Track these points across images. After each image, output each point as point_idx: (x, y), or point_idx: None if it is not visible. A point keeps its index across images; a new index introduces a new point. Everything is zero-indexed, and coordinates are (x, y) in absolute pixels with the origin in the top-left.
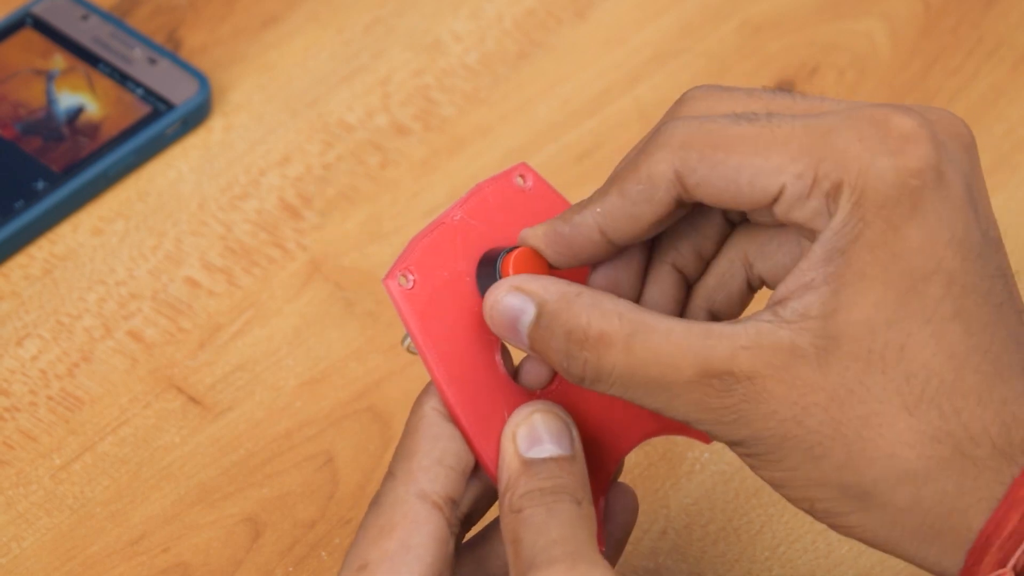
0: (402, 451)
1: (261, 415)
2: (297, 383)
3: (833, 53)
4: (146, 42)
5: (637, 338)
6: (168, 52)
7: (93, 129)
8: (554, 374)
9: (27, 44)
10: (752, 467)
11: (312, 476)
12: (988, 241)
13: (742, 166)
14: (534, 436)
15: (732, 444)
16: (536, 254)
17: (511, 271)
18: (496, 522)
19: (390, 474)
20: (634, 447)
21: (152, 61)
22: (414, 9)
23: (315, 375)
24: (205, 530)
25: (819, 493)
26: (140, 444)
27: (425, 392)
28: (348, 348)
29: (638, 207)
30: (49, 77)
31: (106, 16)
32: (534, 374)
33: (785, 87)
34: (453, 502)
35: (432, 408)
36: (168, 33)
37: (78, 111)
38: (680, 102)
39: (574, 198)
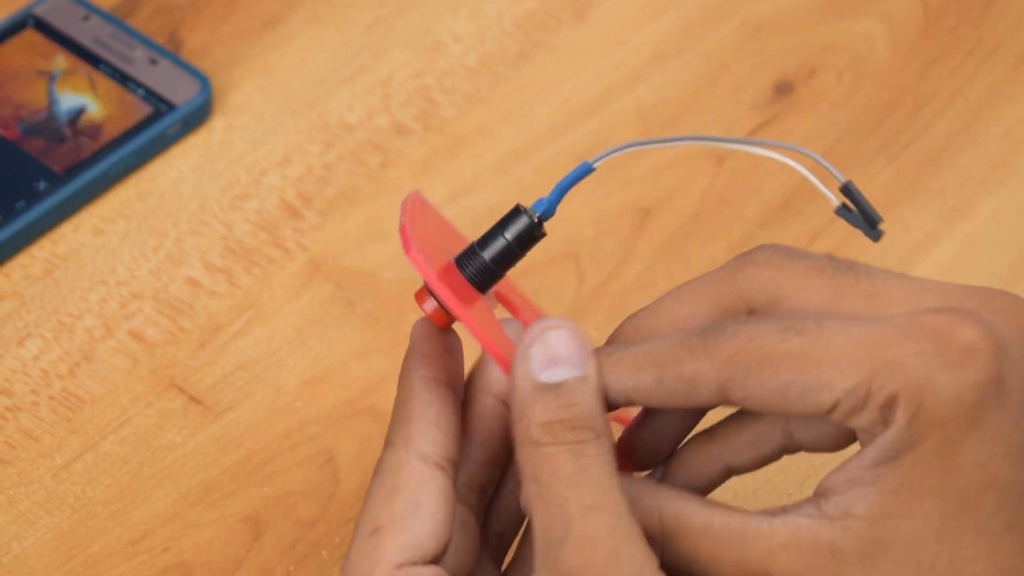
0: (398, 419)
1: (262, 415)
2: (298, 383)
3: (832, 53)
4: (147, 43)
5: (676, 543)
6: (169, 53)
7: (94, 130)
8: None
9: (29, 45)
10: None
11: (313, 475)
12: None
13: (791, 383)
14: (548, 356)
15: None
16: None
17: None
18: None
19: (389, 442)
20: None
21: (153, 62)
22: (414, 9)
23: (316, 375)
24: (206, 529)
25: None
26: (141, 443)
27: (409, 361)
28: (349, 348)
29: (673, 400)
30: (51, 78)
31: (107, 17)
32: None
33: (784, 87)
34: (453, 462)
35: (420, 376)
36: (169, 34)
37: (79, 112)
38: (744, 261)
39: (574, 198)
